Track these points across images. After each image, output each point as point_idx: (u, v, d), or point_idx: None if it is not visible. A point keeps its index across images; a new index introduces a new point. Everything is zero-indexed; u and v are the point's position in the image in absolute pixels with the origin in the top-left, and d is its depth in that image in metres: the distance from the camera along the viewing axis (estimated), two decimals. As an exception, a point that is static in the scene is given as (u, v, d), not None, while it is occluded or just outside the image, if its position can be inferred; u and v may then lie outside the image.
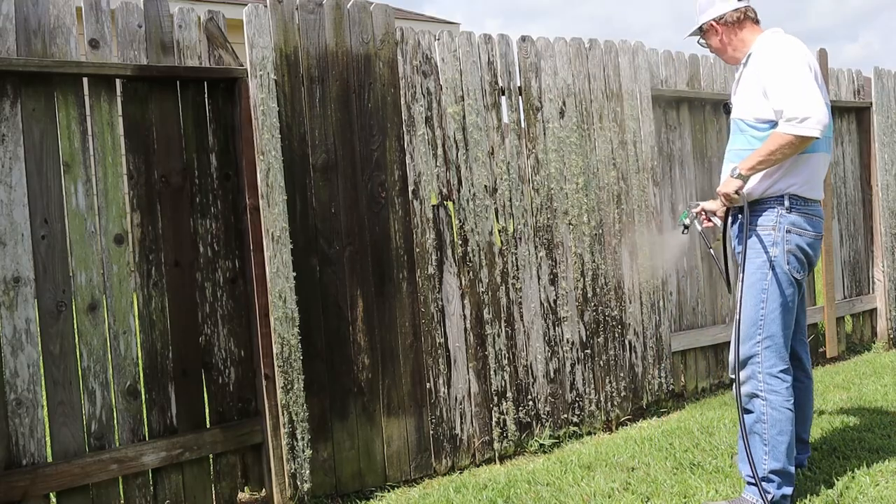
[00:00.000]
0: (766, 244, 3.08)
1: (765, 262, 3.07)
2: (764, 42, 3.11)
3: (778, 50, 3.02)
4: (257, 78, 3.29)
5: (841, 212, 5.90)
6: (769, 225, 3.08)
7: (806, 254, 3.10)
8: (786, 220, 3.06)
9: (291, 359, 3.33)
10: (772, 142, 2.92)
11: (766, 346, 3.05)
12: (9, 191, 2.89)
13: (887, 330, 6.01)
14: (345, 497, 3.51)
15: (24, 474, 2.87)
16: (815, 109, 2.85)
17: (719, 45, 3.27)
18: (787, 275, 3.07)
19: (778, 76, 2.95)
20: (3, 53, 2.87)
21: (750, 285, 3.10)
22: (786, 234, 3.06)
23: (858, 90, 6.04)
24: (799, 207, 3.07)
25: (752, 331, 3.07)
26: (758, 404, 3.05)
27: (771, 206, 3.07)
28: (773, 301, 3.06)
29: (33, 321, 2.94)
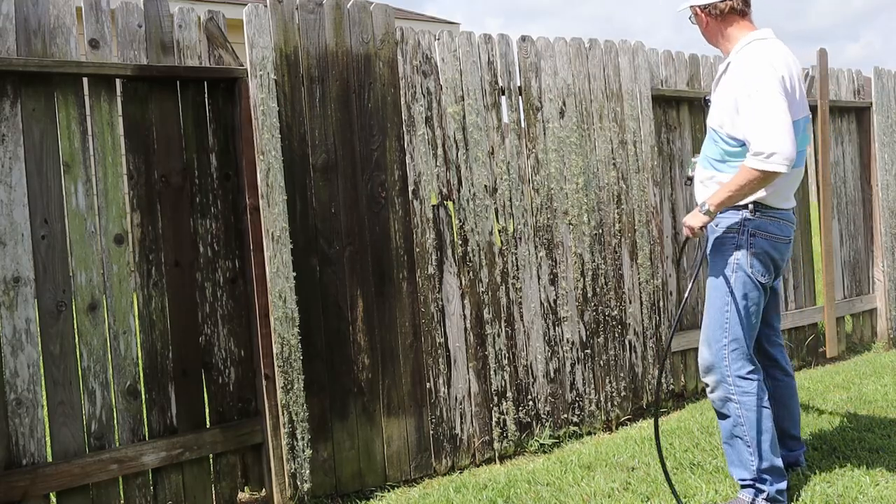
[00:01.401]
0: (730, 247, 3.06)
1: (729, 266, 3.06)
2: (745, 52, 3.01)
3: (753, 70, 2.93)
4: (257, 78, 3.29)
5: (841, 212, 5.90)
6: (734, 228, 3.06)
7: (772, 258, 3.07)
8: (751, 224, 3.04)
9: (291, 359, 3.33)
10: (740, 176, 2.89)
11: (732, 349, 3.04)
12: (9, 191, 2.89)
13: (887, 330, 6.01)
14: (345, 497, 3.51)
15: (24, 474, 2.87)
16: (780, 145, 2.79)
17: (705, 31, 3.20)
18: (751, 278, 3.04)
19: (748, 103, 2.89)
20: (3, 53, 2.87)
21: (714, 288, 3.10)
22: (750, 237, 3.04)
23: (858, 90, 6.04)
24: (766, 212, 3.04)
25: (718, 334, 3.06)
26: (732, 408, 3.05)
27: (737, 209, 3.05)
28: (736, 304, 3.05)
29: (33, 321, 2.94)
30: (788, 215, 3.11)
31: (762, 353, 3.35)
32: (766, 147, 2.80)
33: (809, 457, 3.63)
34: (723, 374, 3.05)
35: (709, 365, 3.09)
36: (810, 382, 5.01)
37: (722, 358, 3.05)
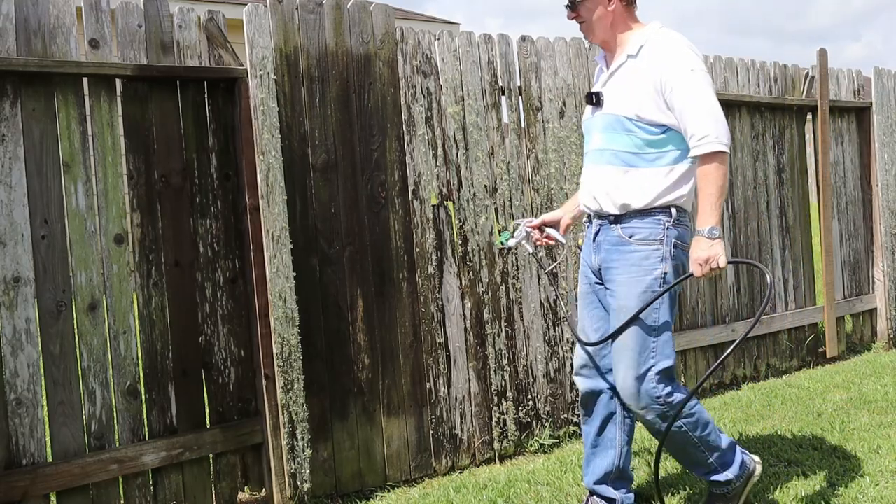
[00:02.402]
0: (653, 261, 2.77)
1: (654, 281, 2.76)
2: (661, 36, 2.83)
3: (684, 50, 2.77)
4: (257, 78, 3.29)
5: (841, 212, 5.90)
6: (656, 239, 2.77)
7: (685, 270, 2.83)
8: (672, 234, 2.78)
9: (291, 359, 3.33)
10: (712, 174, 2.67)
11: (658, 369, 2.78)
12: (9, 191, 2.89)
13: (887, 330, 6.01)
14: (345, 497, 3.51)
15: (24, 474, 2.87)
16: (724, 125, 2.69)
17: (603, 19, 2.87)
18: (673, 294, 2.81)
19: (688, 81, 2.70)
20: (3, 53, 2.87)
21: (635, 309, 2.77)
22: (673, 248, 2.78)
23: (858, 90, 6.04)
24: (681, 220, 2.82)
25: (644, 357, 2.77)
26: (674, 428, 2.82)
27: (656, 216, 2.78)
28: (662, 322, 2.78)
29: (33, 321, 2.94)
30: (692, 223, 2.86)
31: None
32: (715, 127, 2.65)
33: (810, 457, 3.63)
34: (654, 398, 2.77)
35: (635, 393, 2.78)
36: (810, 382, 5.02)
37: (649, 381, 2.77)
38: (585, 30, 2.94)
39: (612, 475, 3.07)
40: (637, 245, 2.78)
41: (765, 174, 5.38)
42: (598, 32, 2.91)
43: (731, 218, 5.18)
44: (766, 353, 5.32)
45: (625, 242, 2.80)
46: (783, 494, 3.22)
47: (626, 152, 2.80)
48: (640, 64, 2.80)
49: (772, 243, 5.40)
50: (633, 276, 2.77)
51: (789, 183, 5.52)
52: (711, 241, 2.66)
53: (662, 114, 2.75)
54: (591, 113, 2.96)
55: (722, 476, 2.94)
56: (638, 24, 2.92)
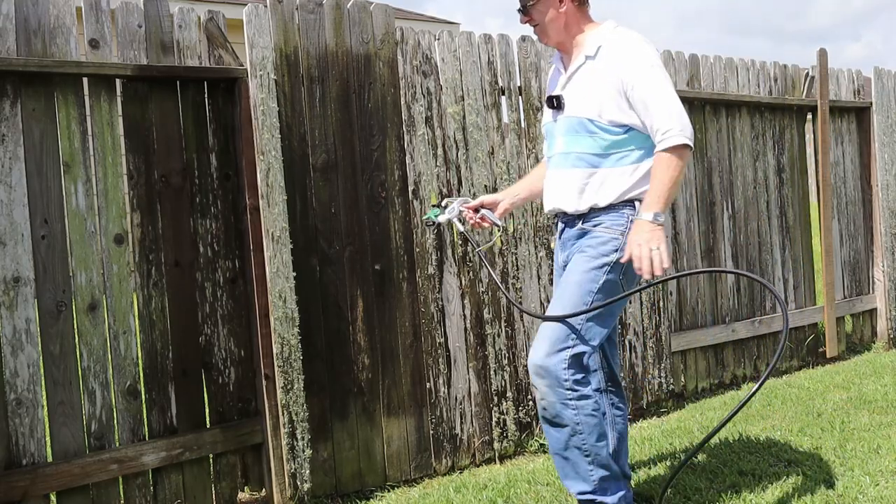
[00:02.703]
0: (609, 247, 2.75)
1: (601, 266, 2.74)
2: (618, 35, 2.80)
3: (643, 47, 2.75)
4: (257, 78, 3.29)
5: (841, 212, 5.90)
6: (617, 228, 2.77)
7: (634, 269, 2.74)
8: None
9: (291, 359, 3.33)
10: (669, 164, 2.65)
11: (575, 352, 2.71)
12: (9, 191, 2.89)
13: (887, 330, 6.01)
14: (345, 497, 3.51)
15: (24, 474, 2.87)
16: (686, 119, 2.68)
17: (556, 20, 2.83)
18: (618, 284, 2.76)
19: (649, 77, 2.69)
20: (3, 53, 2.87)
21: (576, 283, 2.75)
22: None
23: (858, 90, 6.04)
24: None
25: (565, 335, 2.72)
26: (568, 416, 2.71)
27: (620, 210, 2.78)
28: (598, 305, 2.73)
29: (33, 321, 2.94)
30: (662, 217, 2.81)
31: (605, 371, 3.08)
32: (679, 121, 2.65)
33: (810, 457, 3.63)
34: (559, 378, 2.69)
35: (543, 367, 2.71)
36: (810, 382, 5.02)
37: (562, 360, 2.70)
38: (539, 32, 2.90)
39: None
40: (598, 231, 2.79)
41: (765, 174, 5.38)
42: (551, 35, 2.88)
43: (732, 218, 5.18)
44: (766, 353, 5.32)
45: (587, 231, 2.82)
46: (783, 494, 3.22)
47: (590, 154, 2.81)
48: (599, 65, 2.78)
49: (772, 243, 5.40)
50: (585, 255, 2.78)
51: (789, 183, 5.52)
52: (654, 226, 2.62)
53: (624, 114, 2.75)
54: (552, 117, 2.93)
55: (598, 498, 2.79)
56: (592, 24, 2.89)
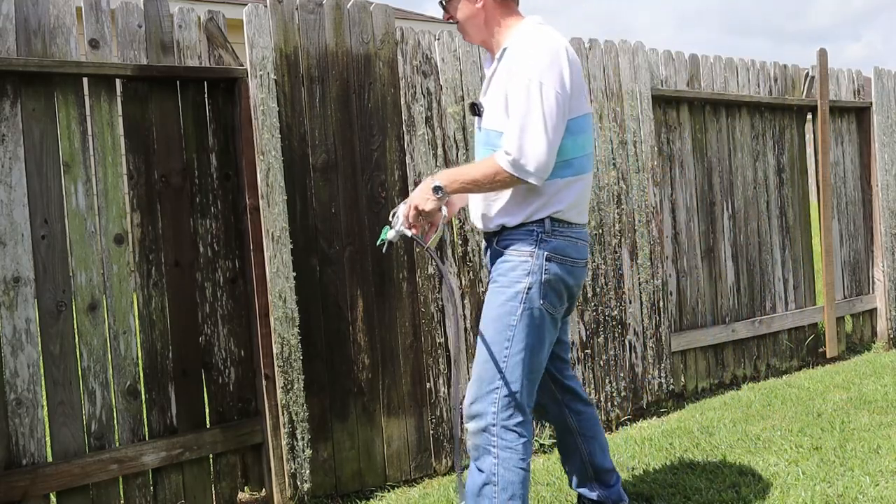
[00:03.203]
0: (518, 273, 2.54)
1: (515, 295, 2.53)
2: (524, 38, 2.55)
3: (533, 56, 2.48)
4: (257, 78, 3.29)
5: (841, 212, 5.90)
6: (526, 250, 2.55)
7: (567, 285, 2.59)
8: (546, 246, 2.54)
9: (291, 359, 3.33)
10: (487, 169, 2.47)
11: (504, 394, 2.53)
12: (9, 191, 2.89)
13: (887, 330, 6.01)
14: (345, 497, 3.51)
15: (24, 474, 2.87)
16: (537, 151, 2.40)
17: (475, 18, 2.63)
18: (540, 311, 2.54)
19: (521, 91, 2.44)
20: (3, 53, 2.87)
21: (494, 319, 2.56)
22: (545, 262, 2.54)
23: (858, 90, 6.04)
24: (563, 230, 2.58)
25: (491, 375, 2.54)
26: (488, 463, 2.55)
27: (529, 228, 2.56)
28: (519, 342, 2.53)
29: (33, 321, 2.94)
30: (585, 234, 2.67)
31: (558, 386, 2.93)
32: (520, 151, 2.40)
33: (810, 457, 3.63)
34: (488, 421, 2.53)
35: (476, 410, 2.57)
36: (810, 382, 5.02)
37: (491, 403, 2.53)
38: (461, 30, 2.72)
39: (588, 476, 2.99)
40: (508, 255, 2.58)
41: (765, 174, 5.38)
42: (471, 32, 2.68)
43: (732, 218, 5.18)
44: (766, 353, 5.32)
45: (500, 253, 2.62)
46: (783, 494, 3.22)
47: None
48: (501, 71, 2.57)
49: (772, 243, 5.40)
50: (497, 287, 2.59)
51: (789, 183, 5.52)
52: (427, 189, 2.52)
53: None
54: (477, 125, 2.74)
55: None
56: (514, 20, 2.63)
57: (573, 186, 2.58)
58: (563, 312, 2.66)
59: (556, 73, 2.46)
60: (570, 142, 2.54)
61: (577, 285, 2.66)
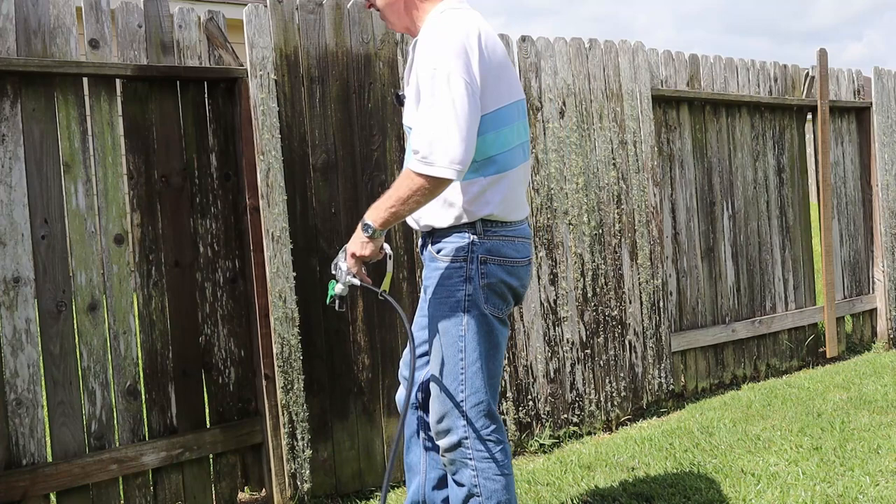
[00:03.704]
0: (455, 281, 2.39)
1: (457, 304, 2.39)
2: (434, 24, 2.35)
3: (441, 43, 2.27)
4: (257, 78, 3.29)
5: (841, 212, 5.90)
6: (459, 255, 2.39)
7: (510, 286, 2.44)
8: (480, 248, 2.38)
9: (291, 359, 3.33)
10: (403, 183, 2.26)
11: (472, 404, 2.41)
12: (9, 191, 2.89)
13: (887, 330, 6.01)
14: (345, 497, 3.51)
15: (24, 474, 2.87)
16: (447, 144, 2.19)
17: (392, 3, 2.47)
18: (487, 316, 2.40)
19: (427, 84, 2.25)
20: (3, 53, 2.87)
21: (442, 333, 2.43)
22: (480, 265, 2.38)
23: (858, 90, 6.04)
24: (497, 230, 2.41)
25: (453, 389, 2.42)
26: (468, 476, 2.43)
27: (461, 231, 2.39)
28: (472, 352, 2.40)
29: (33, 321, 2.94)
30: (524, 230, 2.49)
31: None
32: (430, 146, 2.20)
33: (810, 457, 3.63)
34: (460, 436, 2.42)
35: (445, 426, 2.44)
36: (810, 382, 5.02)
37: (459, 417, 2.41)
38: (383, 19, 2.55)
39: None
40: (442, 261, 2.42)
41: (765, 174, 5.38)
42: (393, 20, 2.51)
43: (731, 218, 5.18)
44: (766, 353, 5.32)
45: (434, 258, 2.45)
46: (783, 494, 3.22)
47: None
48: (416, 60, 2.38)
49: (772, 243, 5.40)
50: (439, 298, 2.43)
51: (789, 183, 5.52)
52: (360, 233, 2.37)
53: None
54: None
55: None
56: (432, 4, 2.44)
57: (500, 184, 2.38)
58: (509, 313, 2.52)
59: (463, 61, 2.24)
60: (493, 136, 2.34)
61: (522, 285, 2.49)
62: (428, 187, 2.23)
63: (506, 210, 2.41)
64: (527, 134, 2.51)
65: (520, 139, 2.45)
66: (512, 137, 2.41)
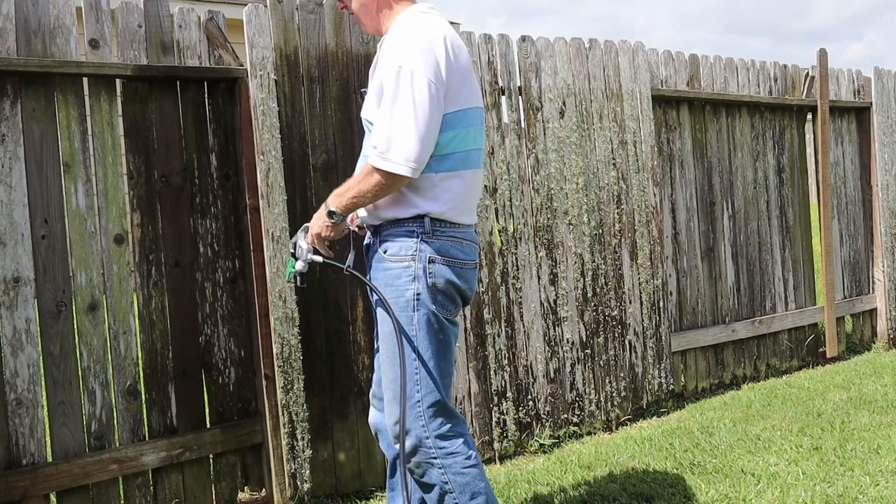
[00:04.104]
0: (404, 280, 2.41)
1: (407, 304, 2.40)
2: (402, 25, 2.43)
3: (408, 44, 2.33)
4: (257, 78, 3.29)
5: (841, 212, 5.90)
6: (407, 255, 2.40)
7: (457, 288, 2.44)
8: (428, 248, 2.39)
9: (291, 359, 3.33)
10: (363, 176, 2.34)
11: (428, 403, 2.42)
12: (9, 191, 2.89)
13: (887, 330, 6.01)
14: (345, 497, 3.51)
15: (24, 474, 2.87)
16: (404, 141, 2.26)
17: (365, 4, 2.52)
18: (436, 315, 2.41)
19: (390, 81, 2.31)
20: (3, 53, 2.87)
21: (392, 333, 2.43)
22: (428, 264, 2.39)
23: (858, 90, 6.04)
24: (445, 230, 2.42)
25: (410, 389, 2.43)
26: (436, 475, 2.43)
27: (409, 227, 2.41)
28: (425, 351, 2.42)
29: (33, 321, 2.94)
30: (471, 234, 2.51)
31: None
32: (388, 142, 2.27)
33: (810, 457, 3.63)
34: (420, 436, 2.42)
35: (404, 427, 2.42)
36: (810, 382, 5.02)
37: (417, 417, 2.42)
38: (356, 20, 2.59)
39: None
40: (389, 262, 2.44)
41: (765, 174, 5.38)
42: (365, 21, 2.56)
43: (732, 218, 5.18)
44: (766, 353, 5.32)
45: (381, 258, 2.47)
46: (783, 494, 3.22)
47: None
48: (380, 58, 2.46)
49: (772, 243, 5.40)
50: (389, 299, 2.43)
51: (789, 183, 5.52)
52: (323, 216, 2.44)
53: None
54: None
55: None
56: (403, 6, 2.52)
57: (450, 182, 2.41)
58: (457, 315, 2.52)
59: (430, 62, 2.31)
60: (451, 135, 2.39)
61: (469, 288, 2.50)
62: (384, 183, 2.31)
63: (455, 210, 2.43)
64: (483, 143, 2.56)
65: (476, 145, 2.49)
66: (469, 140, 2.45)
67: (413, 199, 2.40)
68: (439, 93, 2.31)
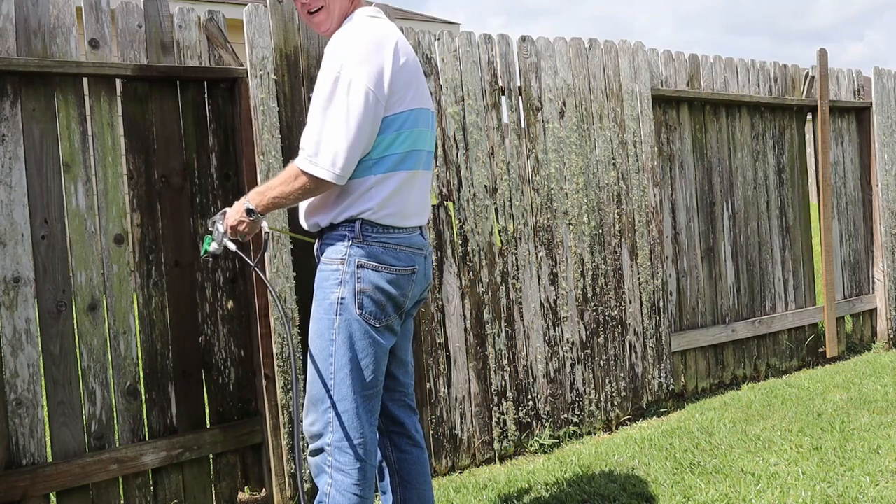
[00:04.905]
0: (331, 283, 2.36)
1: (330, 307, 2.36)
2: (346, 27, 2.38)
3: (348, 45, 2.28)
4: (257, 78, 3.29)
5: (841, 212, 5.90)
6: (337, 258, 2.36)
7: (388, 294, 2.36)
8: (357, 253, 2.34)
9: (291, 359, 3.33)
10: (289, 178, 2.30)
11: (339, 411, 2.36)
12: (9, 191, 2.89)
13: (887, 330, 6.01)
14: (345, 497, 3.50)
15: (24, 474, 2.87)
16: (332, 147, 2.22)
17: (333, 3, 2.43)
18: (359, 322, 2.34)
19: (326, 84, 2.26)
20: (3, 53, 2.87)
21: (316, 335, 2.40)
22: (357, 269, 2.33)
23: (858, 90, 6.04)
24: (377, 236, 2.35)
25: (322, 394, 2.37)
26: (323, 482, 2.40)
27: (341, 231, 2.37)
28: (342, 357, 2.35)
29: (33, 321, 2.94)
30: (413, 239, 2.43)
31: (384, 415, 2.62)
32: (315, 146, 2.23)
33: (810, 457, 3.63)
34: (324, 441, 2.37)
35: (314, 430, 2.40)
36: (810, 382, 5.02)
37: (326, 423, 2.37)
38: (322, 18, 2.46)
39: None
40: (322, 264, 2.41)
41: (765, 174, 5.38)
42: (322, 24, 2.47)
43: (732, 218, 5.18)
44: (766, 353, 5.32)
45: (319, 261, 2.45)
46: (783, 494, 3.22)
47: None
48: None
49: (772, 243, 5.40)
50: (317, 300, 2.41)
51: (789, 183, 5.52)
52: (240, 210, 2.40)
53: None
54: None
55: None
56: (356, 7, 2.47)
57: (387, 184, 2.33)
58: (392, 323, 2.42)
59: (371, 68, 2.26)
60: (391, 137, 2.33)
61: (404, 295, 2.41)
62: (309, 186, 2.28)
63: (387, 212, 2.35)
64: (432, 146, 2.51)
65: (421, 146, 2.43)
66: (413, 141, 2.39)
67: (346, 203, 2.35)
68: (377, 101, 2.26)
